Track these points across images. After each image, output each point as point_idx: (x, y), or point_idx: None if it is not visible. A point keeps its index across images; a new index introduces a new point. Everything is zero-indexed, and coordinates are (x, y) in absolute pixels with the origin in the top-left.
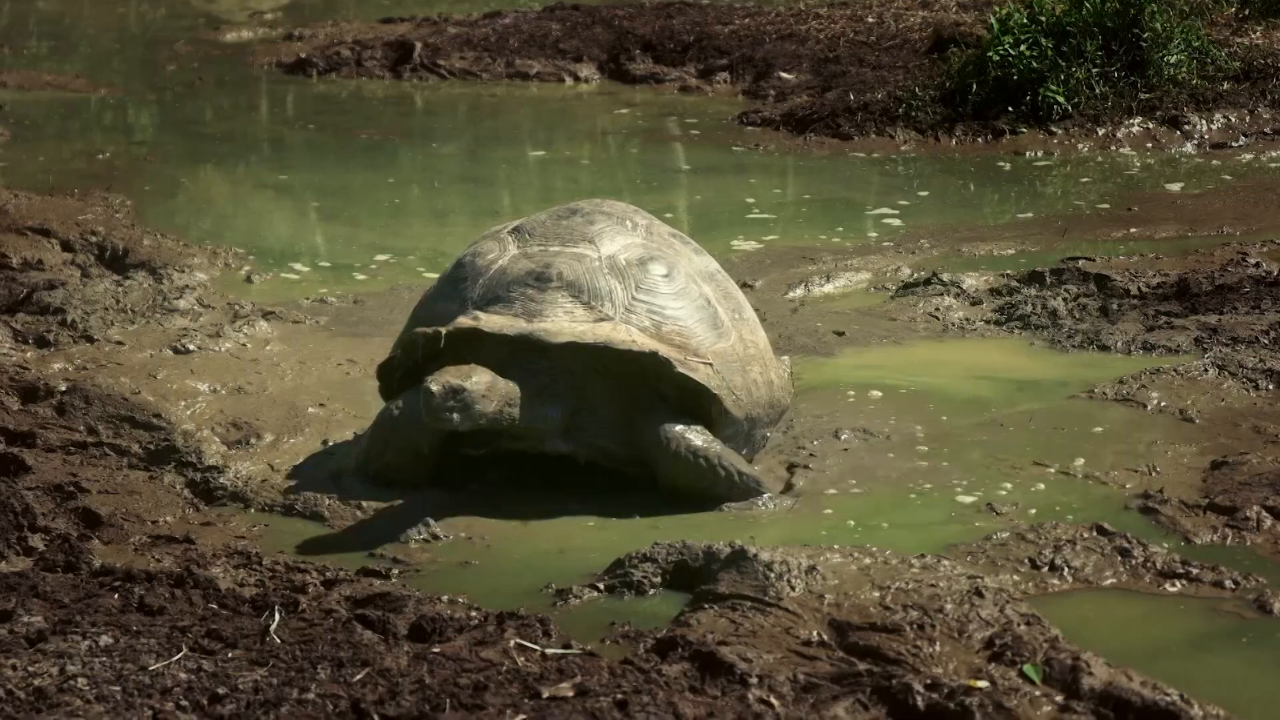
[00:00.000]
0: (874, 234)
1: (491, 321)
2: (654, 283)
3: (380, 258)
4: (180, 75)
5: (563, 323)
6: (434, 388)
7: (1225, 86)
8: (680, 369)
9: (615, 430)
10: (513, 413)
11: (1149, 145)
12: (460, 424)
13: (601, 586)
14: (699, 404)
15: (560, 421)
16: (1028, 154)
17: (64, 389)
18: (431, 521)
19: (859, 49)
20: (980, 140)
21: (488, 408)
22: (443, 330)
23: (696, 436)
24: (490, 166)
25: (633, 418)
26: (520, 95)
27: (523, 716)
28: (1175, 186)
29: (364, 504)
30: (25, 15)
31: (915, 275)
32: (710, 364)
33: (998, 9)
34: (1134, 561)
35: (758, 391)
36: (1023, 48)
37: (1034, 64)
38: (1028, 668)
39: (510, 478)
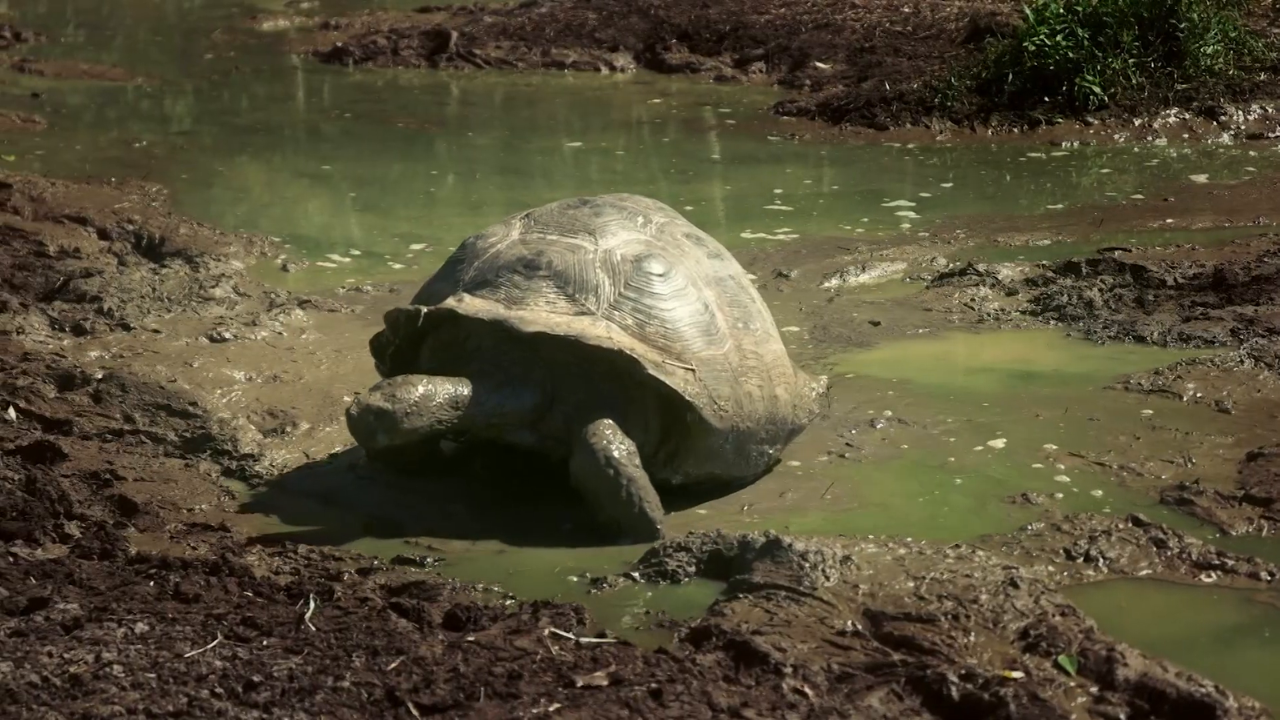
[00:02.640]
0: (909, 224)
1: (469, 305)
2: (646, 281)
3: (415, 247)
4: (217, 64)
5: (540, 313)
6: (354, 411)
7: (1262, 77)
8: (652, 371)
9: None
10: (456, 416)
11: (1185, 136)
12: (389, 441)
13: (636, 575)
14: (674, 410)
15: (529, 413)
16: (1064, 144)
17: (100, 377)
18: (463, 510)
19: (895, 39)
20: (1016, 130)
21: (417, 423)
22: (423, 310)
23: (620, 449)
24: (525, 156)
25: (592, 410)
26: (556, 84)
27: (557, 705)
28: (1211, 177)
29: (398, 492)
30: (62, 4)
31: (951, 265)
32: (692, 370)
33: None
34: (1169, 552)
35: (750, 405)
36: (1059, 38)
37: (1070, 54)
38: (1062, 659)
39: (546, 468)
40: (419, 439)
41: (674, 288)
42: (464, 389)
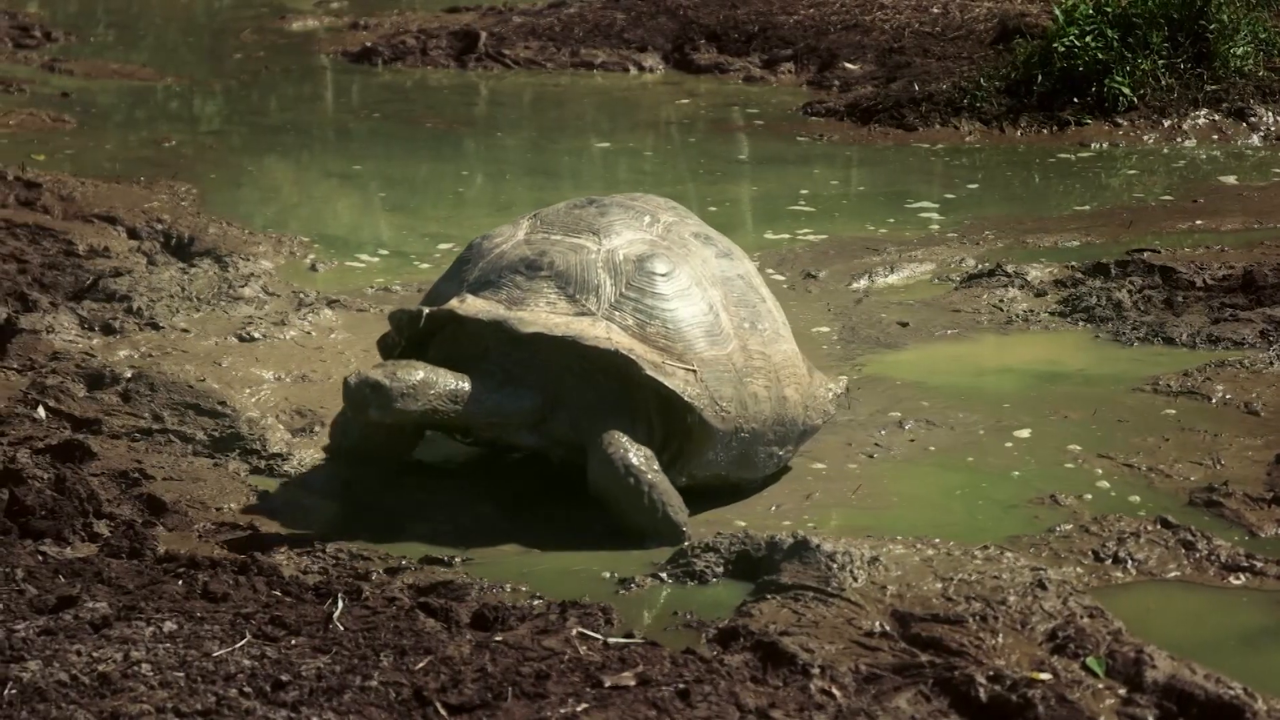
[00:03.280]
0: (937, 225)
1: (471, 306)
2: (649, 281)
3: (443, 247)
4: (246, 64)
5: (539, 313)
6: (352, 381)
7: None
8: (649, 372)
9: (585, 430)
10: (454, 409)
11: (1215, 137)
12: (380, 417)
13: (664, 576)
14: (674, 412)
15: (530, 414)
16: (1093, 145)
17: (129, 376)
18: (491, 511)
19: (924, 39)
20: (1045, 131)
21: (411, 405)
22: (424, 310)
23: (637, 455)
24: (554, 157)
25: (600, 418)
26: (585, 85)
27: (585, 705)
28: (1241, 179)
29: (426, 492)
30: (93, 4)
31: (979, 266)
32: (693, 370)
33: (1063, 0)
34: (1198, 554)
35: (756, 406)
36: (1088, 39)
37: (1099, 55)
38: (1090, 660)
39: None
40: (409, 422)
41: (677, 288)
42: (464, 384)
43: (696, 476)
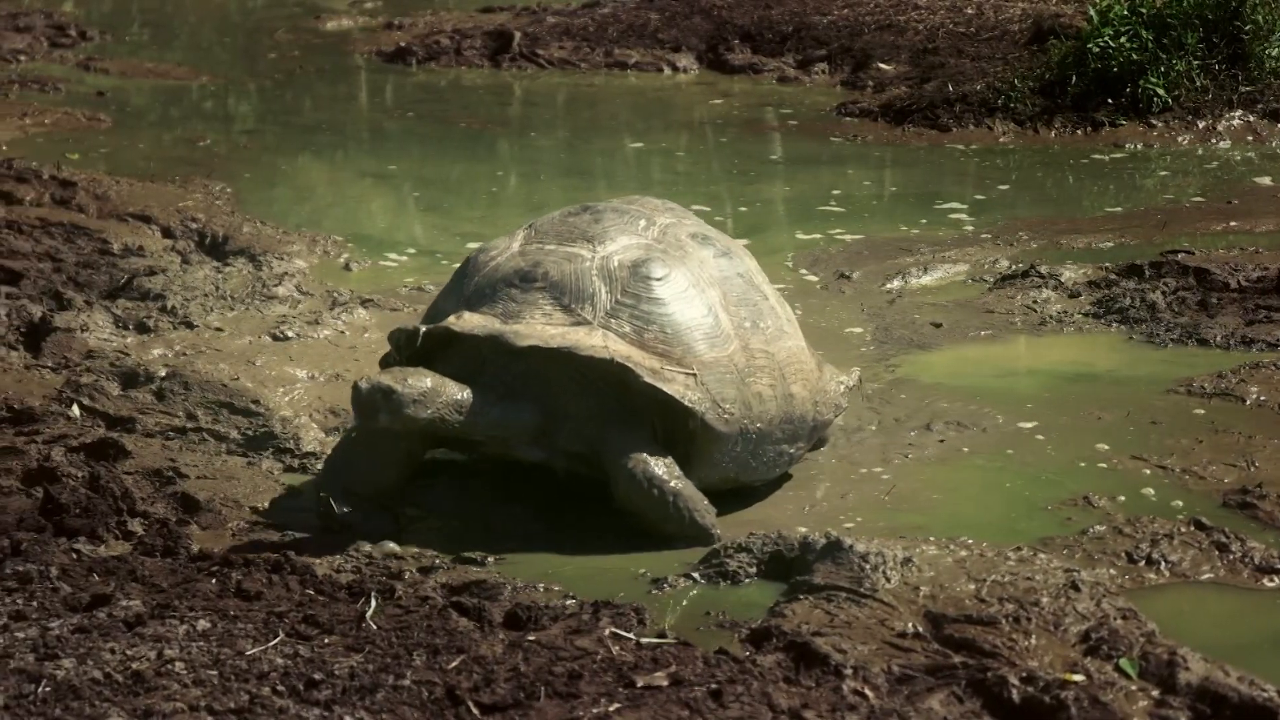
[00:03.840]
0: (971, 226)
1: (467, 322)
2: (644, 286)
3: (476, 246)
4: (280, 64)
5: (535, 325)
6: (363, 385)
7: None
8: (648, 379)
9: (592, 440)
10: (459, 419)
11: (1249, 138)
12: (390, 424)
13: (697, 576)
14: (676, 417)
15: (532, 428)
16: (1127, 146)
17: (163, 375)
18: (524, 510)
19: (958, 40)
20: (1079, 132)
21: (420, 412)
22: (421, 329)
23: (659, 465)
24: (587, 157)
25: (606, 426)
26: (618, 85)
27: (617, 705)
28: (1275, 180)
29: (457, 492)
30: (128, 3)
31: (1013, 267)
32: (693, 374)
33: (1098, 1)
34: (1232, 556)
35: (761, 406)
36: (1123, 39)
37: (1134, 56)
38: (1123, 662)
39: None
40: (417, 429)
41: (674, 291)
42: (467, 395)
43: (706, 479)
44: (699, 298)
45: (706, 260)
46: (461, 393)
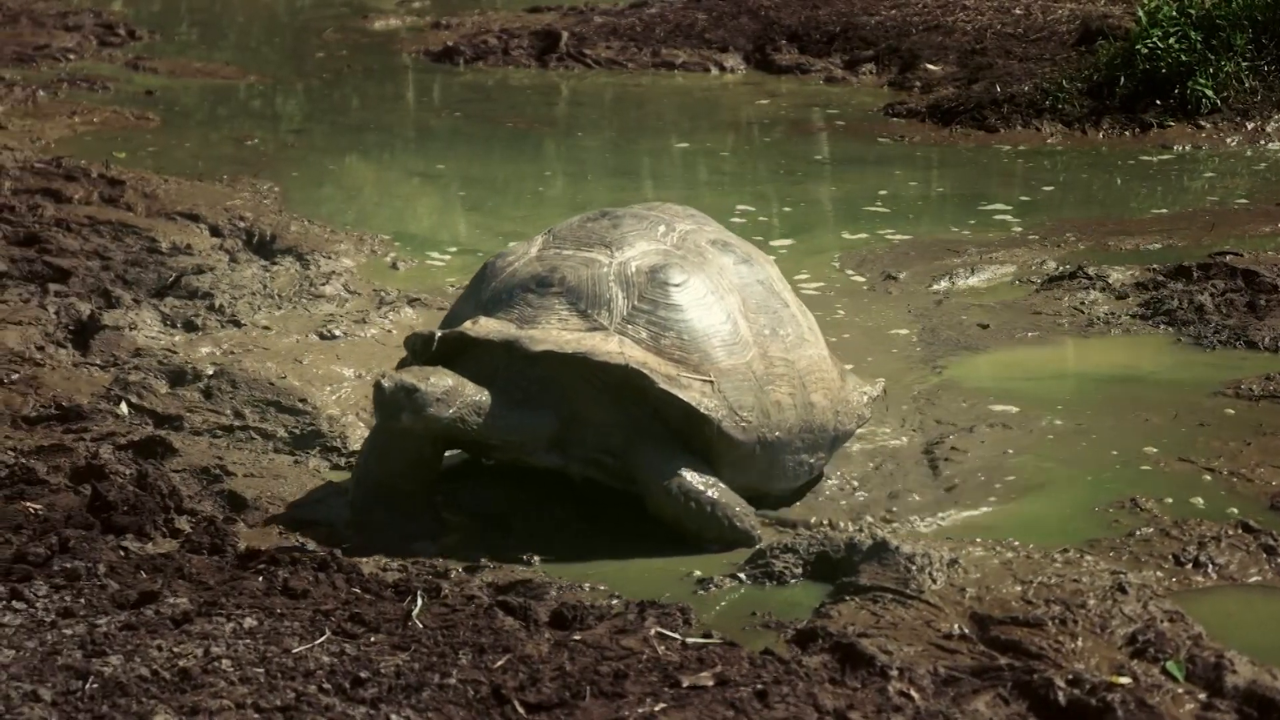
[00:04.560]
0: (1019, 227)
1: (483, 327)
2: (661, 292)
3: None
4: (328, 63)
5: (551, 330)
6: (386, 384)
7: None
8: (664, 386)
9: (611, 447)
10: (477, 421)
11: None
12: (412, 424)
13: (743, 576)
14: (693, 425)
15: (548, 434)
16: (1175, 148)
17: (211, 373)
18: (569, 510)
19: (1006, 41)
20: (1128, 133)
21: (443, 412)
22: (436, 334)
23: (692, 475)
24: (634, 157)
25: (630, 437)
26: (665, 85)
27: (663, 705)
28: None
29: (502, 492)
30: (176, 3)
31: (1060, 269)
32: (710, 381)
33: (1146, 1)
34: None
35: (780, 414)
36: (1171, 40)
37: (1183, 57)
38: (1170, 664)
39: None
40: (438, 430)
41: (692, 297)
42: (486, 398)
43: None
44: (717, 304)
45: (726, 267)
46: (480, 395)
